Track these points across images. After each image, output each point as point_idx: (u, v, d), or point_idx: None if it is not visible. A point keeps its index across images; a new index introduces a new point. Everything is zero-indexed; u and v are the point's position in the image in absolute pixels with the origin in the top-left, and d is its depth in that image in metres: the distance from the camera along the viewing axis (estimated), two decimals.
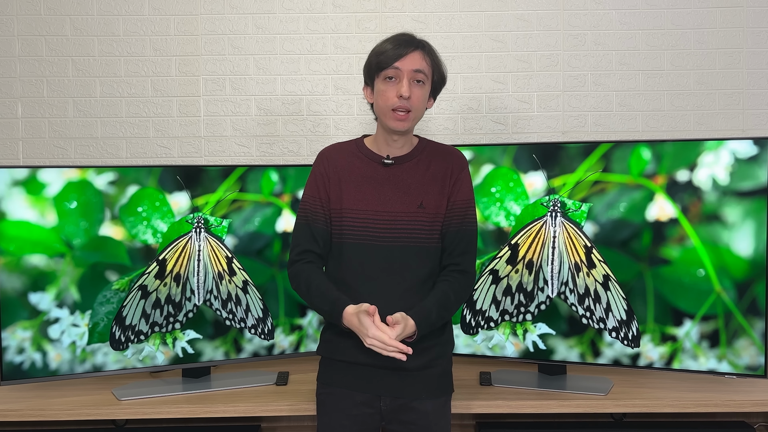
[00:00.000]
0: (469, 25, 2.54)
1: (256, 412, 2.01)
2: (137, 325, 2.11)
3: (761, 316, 2.01)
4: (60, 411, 1.99)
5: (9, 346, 2.02)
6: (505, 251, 2.14)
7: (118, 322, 2.09)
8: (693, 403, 2.00)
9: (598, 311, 2.10)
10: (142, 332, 2.12)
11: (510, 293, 2.15)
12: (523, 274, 2.14)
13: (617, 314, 2.08)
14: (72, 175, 2.07)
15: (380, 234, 1.68)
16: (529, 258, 2.13)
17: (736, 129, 2.52)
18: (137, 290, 2.10)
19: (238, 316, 2.19)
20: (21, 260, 2.03)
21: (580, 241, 2.10)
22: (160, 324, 2.13)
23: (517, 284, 2.14)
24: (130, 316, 2.10)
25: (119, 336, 2.09)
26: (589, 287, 2.10)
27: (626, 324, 2.08)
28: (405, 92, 1.64)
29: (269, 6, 2.54)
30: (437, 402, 1.74)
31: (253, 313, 2.21)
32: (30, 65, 2.53)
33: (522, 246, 2.13)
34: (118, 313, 2.09)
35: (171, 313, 2.14)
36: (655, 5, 2.53)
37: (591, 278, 2.09)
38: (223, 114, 2.56)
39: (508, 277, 2.14)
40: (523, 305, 2.14)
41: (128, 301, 2.09)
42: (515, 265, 2.14)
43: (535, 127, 2.55)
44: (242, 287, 2.19)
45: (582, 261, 2.10)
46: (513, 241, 2.14)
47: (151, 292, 2.11)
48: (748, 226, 2.00)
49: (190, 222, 2.14)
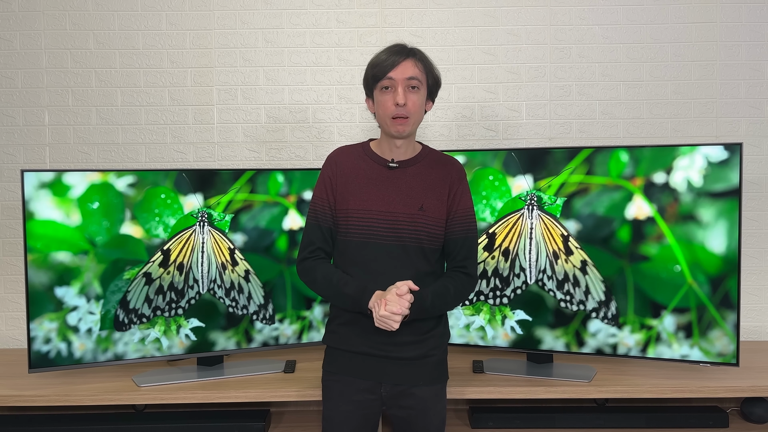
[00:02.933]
0: (462, 40, 2.55)
1: (265, 397, 2.01)
2: (140, 309, 2.11)
3: (733, 308, 2.01)
4: (84, 396, 2.00)
5: (36, 337, 2.03)
6: (482, 239, 2.15)
7: (122, 305, 2.09)
8: (670, 389, 2.00)
9: (578, 294, 2.11)
10: (145, 315, 2.12)
11: (486, 276, 2.16)
12: (499, 260, 2.15)
13: (596, 296, 2.09)
14: (95, 178, 2.08)
15: (382, 233, 1.68)
16: (506, 246, 2.14)
17: (709, 135, 2.53)
18: (141, 277, 2.10)
19: (240, 303, 2.20)
20: (48, 257, 2.03)
21: (557, 231, 2.11)
22: (162, 308, 2.13)
23: (493, 269, 2.15)
24: (133, 301, 2.10)
25: (122, 318, 2.10)
26: (567, 273, 2.11)
27: (605, 304, 2.09)
28: (401, 100, 1.65)
29: (278, 22, 2.55)
30: (434, 388, 1.74)
31: (255, 300, 2.21)
32: (56, 76, 2.54)
33: (499, 235, 2.14)
34: (122, 297, 2.09)
35: (173, 299, 2.14)
36: (635, 21, 2.54)
37: (570, 264, 2.10)
38: (235, 121, 2.57)
39: (485, 263, 2.16)
40: (498, 289, 2.15)
41: (132, 286, 2.10)
42: (492, 252, 2.15)
43: (523, 134, 2.56)
44: (244, 276, 2.19)
45: (560, 249, 2.11)
46: (491, 230, 2.15)
47: (154, 279, 2.12)
48: (720, 225, 2.01)
49: (195, 216, 2.14)
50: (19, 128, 2.54)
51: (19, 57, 2.53)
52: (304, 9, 2.54)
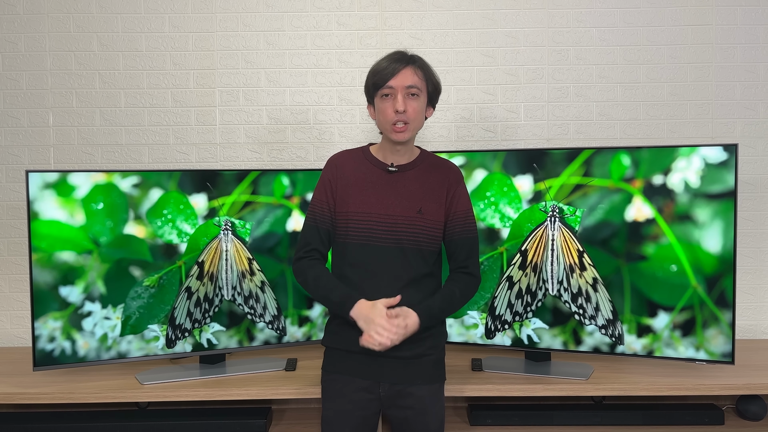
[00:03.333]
0: (462, 42, 2.55)
1: (266, 395, 2.01)
2: (183, 324, 2.13)
3: (729, 307, 2.02)
4: (88, 394, 2.00)
5: (41, 335, 2.03)
6: (517, 258, 2.15)
7: (170, 323, 2.11)
8: (666, 387, 2.00)
9: (590, 309, 2.10)
10: (187, 329, 2.14)
11: (521, 296, 2.16)
12: (530, 276, 2.14)
13: (605, 314, 2.09)
14: (99, 179, 2.08)
15: (381, 235, 1.69)
16: (535, 261, 2.13)
17: (706, 137, 2.53)
18: (184, 292, 2.12)
19: (257, 312, 2.21)
20: (52, 256, 2.04)
21: (574, 245, 2.11)
22: (200, 320, 2.15)
23: (526, 287, 2.15)
24: (179, 317, 2.12)
25: (171, 335, 2.12)
26: (581, 287, 2.10)
27: (612, 323, 2.09)
28: (400, 107, 1.66)
29: (279, 24, 2.55)
30: (432, 387, 1.74)
31: (270, 311, 2.22)
32: (60, 78, 2.54)
33: (530, 251, 2.14)
34: (170, 315, 2.11)
35: (206, 310, 2.16)
36: (632, 23, 2.54)
37: (583, 279, 2.10)
38: (237, 123, 2.57)
39: (520, 282, 2.15)
40: (529, 305, 2.15)
41: (178, 303, 2.12)
42: (525, 269, 2.15)
43: (522, 135, 2.56)
44: (260, 286, 2.21)
45: (576, 263, 2.10)
46: (523, 248, 2.14)
47: (194, 293, 2.13)
48: (717, 226, 2.01)
49: (217, 224, 2.15)
50: (23, 129, 2.54)
51: (23, 59, 2.53)
52: (305, 12, 2.55)
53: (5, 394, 2.00)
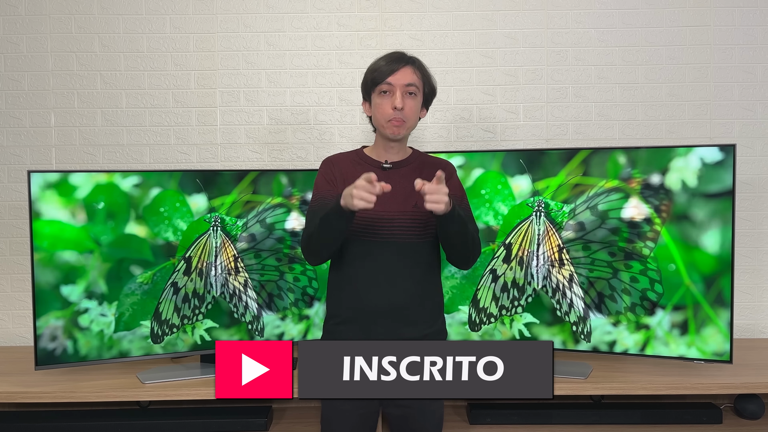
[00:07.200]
0: (461, 43, 2.55)
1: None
2: (170, 319, 2.12)
3: (727, 306, 2.01)
4: (89, 393, 1.99)
5: (43, 334, 2.03)
6: (500, 251, 2.14)
7: (156, 318, 2.10)
8: (665, 386, 2.00)
9: (564, 305, 2.10)
10: (175, 325, 2.12)
11: (506, 289, 2.15)
12: (515, 270, 2.14)
13: (577, 311, 2.09)
14: (100, 179, 2.07)
15: (379, 231, 1.68)
16: (520, 255, 2.13)
17: (704, 137, 2.52)
18: (170, 287, 2.10)
19: (239, 311, 2.19)
20: (54, 256, 2.03)
21: (555, 240, 2.10)
22: (189, 316, 2.14)
23: (512, 281, 2.14)
24: (165, 312, 2.11)
25: (156, 330, 2.10)
26: (559, 282, 2.10)
27: (583, 320, 2.09)
28: (398, 104, 1.65)
29: (279, 25, 2.54)
30: None
31: (251, 311, 2.20)
32: (62, 79, 2.53)
33: (515, 245, 2.13)
34: (155, 310, 2.09)
35: (197, 306, 2.14)
36: (631, 24, 2.53)
37: (561, 275, 2.10)
38: (238, 123, 2.56)
39: (504, 275, 2.15)
40: (516, 299, 2.14)
41: (163, 298, 2.10)
42: (509, 263, 2.14)
43: (521, 135, 2.55)
44: (243, 285, 2.19)
45: (555, 258, 2.10)
46: (507, 241, 2.14)
47: (180, 288, 2.12)
48: (714, 225, 2.00)
49: (208, 221, 2.14)
50: (25, 130, 2.53)
51: (25, 60, 2.52)
52: (306, 13, 2.54)
53: (7, 393, 1.99)
